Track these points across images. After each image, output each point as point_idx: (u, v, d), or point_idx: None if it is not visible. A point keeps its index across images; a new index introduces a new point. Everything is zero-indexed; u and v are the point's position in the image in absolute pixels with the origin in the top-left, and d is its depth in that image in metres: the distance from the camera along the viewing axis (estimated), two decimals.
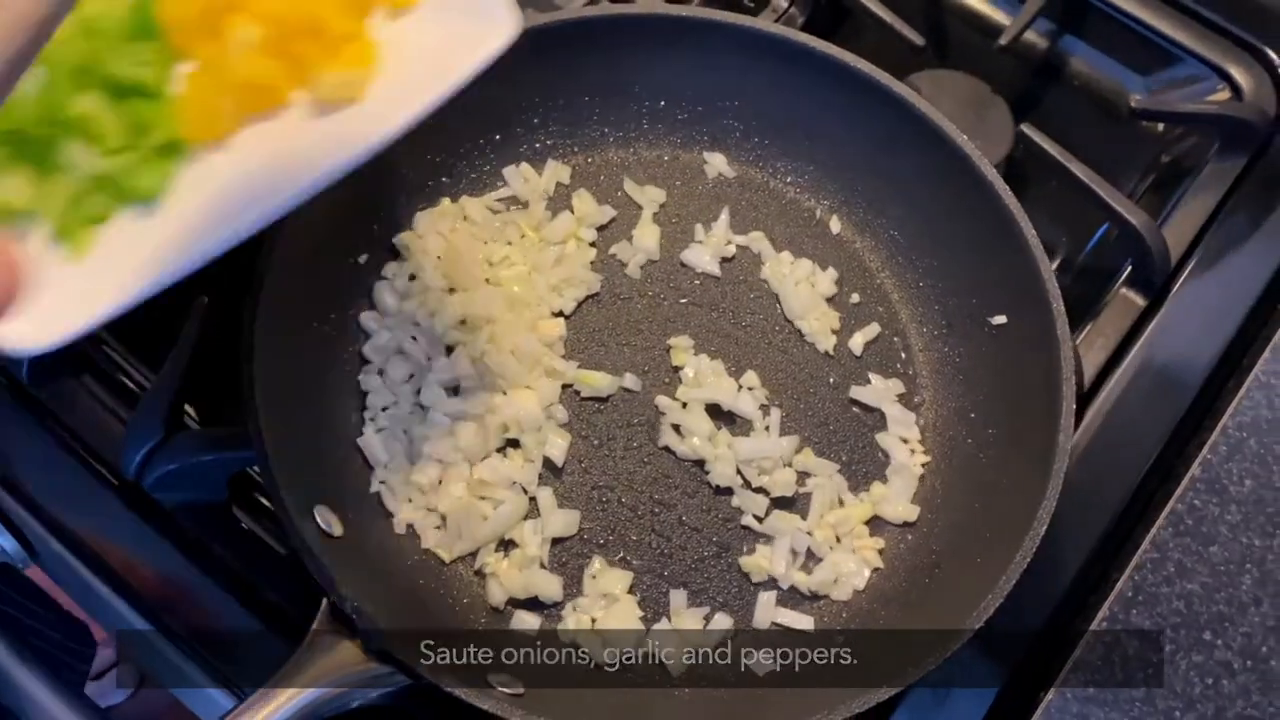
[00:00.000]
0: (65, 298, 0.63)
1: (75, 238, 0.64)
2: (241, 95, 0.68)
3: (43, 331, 0.61)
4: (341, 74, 0.69)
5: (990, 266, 0.93)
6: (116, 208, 0.66)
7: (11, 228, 0.64)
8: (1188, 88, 1.13)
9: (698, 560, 0.89)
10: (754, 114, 1.01)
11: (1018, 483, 0.84)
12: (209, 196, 0.67)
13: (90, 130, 0.65)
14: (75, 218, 0.64)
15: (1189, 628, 0.85)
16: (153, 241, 0.65)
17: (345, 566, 0.77)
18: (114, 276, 0.64)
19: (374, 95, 0.69)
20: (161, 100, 0.67)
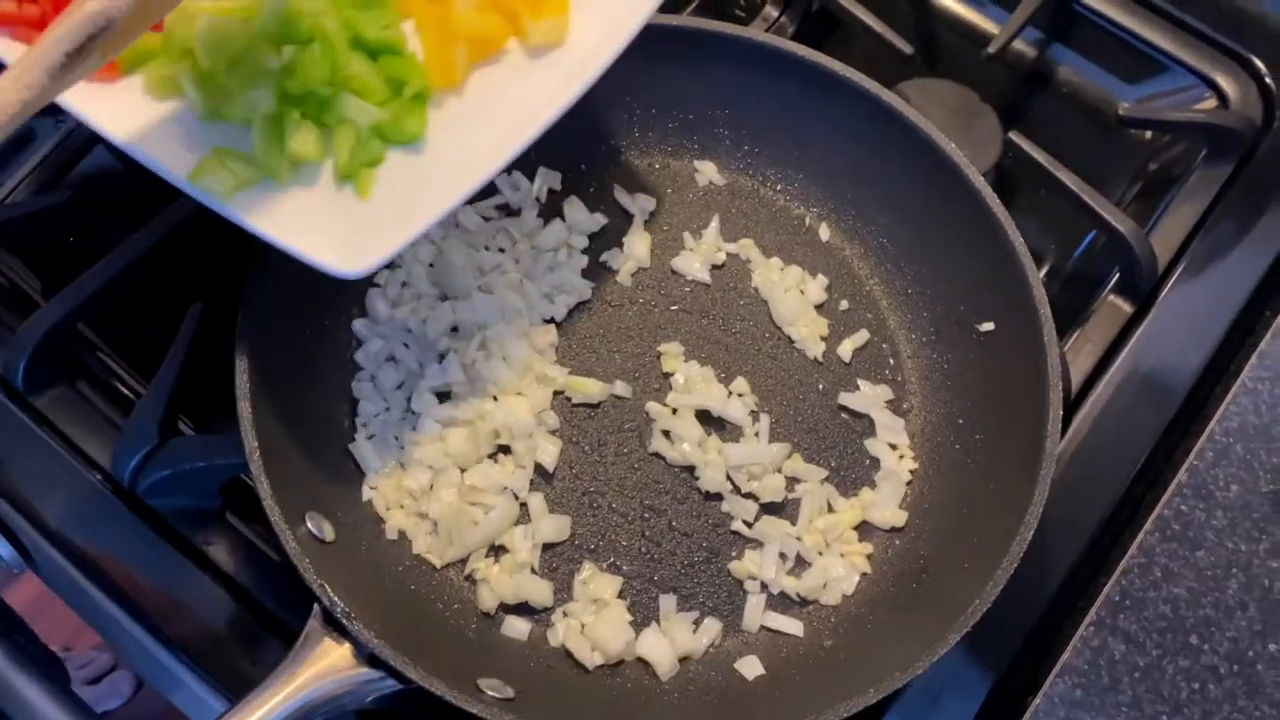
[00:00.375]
0: (366, 230, 0.75)
1: (360, 179, 0.78)
2: (470, 46, 0.81)
3: (355, 260, 0.73)
4: (547, 21, 0.81)
5: (978, 274, 0.93)
6: (388, 151, 0.79)
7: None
8: (1175, 96, 1.14)
9: (687, 565, 0.89)
10: (744, 122, 1.02)
11: (1005, 488, 0.85)
12: (465, 135, 0.80)
13: (361, 87, 0.78)
14: (358, 162, 0.78)
15: (1175, 632, 0.86)
16: (425, 176, 0.78)
17: (337, 572, 0.77)
18: (401, 209, 0.76)
19: (573, 39, 0.82)
20: (406, 56, 0.80)
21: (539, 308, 0.96)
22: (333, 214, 0.77)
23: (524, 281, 0.96)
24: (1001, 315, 0.92)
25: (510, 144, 0.77)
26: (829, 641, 0.86)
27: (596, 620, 0.85)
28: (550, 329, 0.96)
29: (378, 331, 0.94)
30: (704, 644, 0.86)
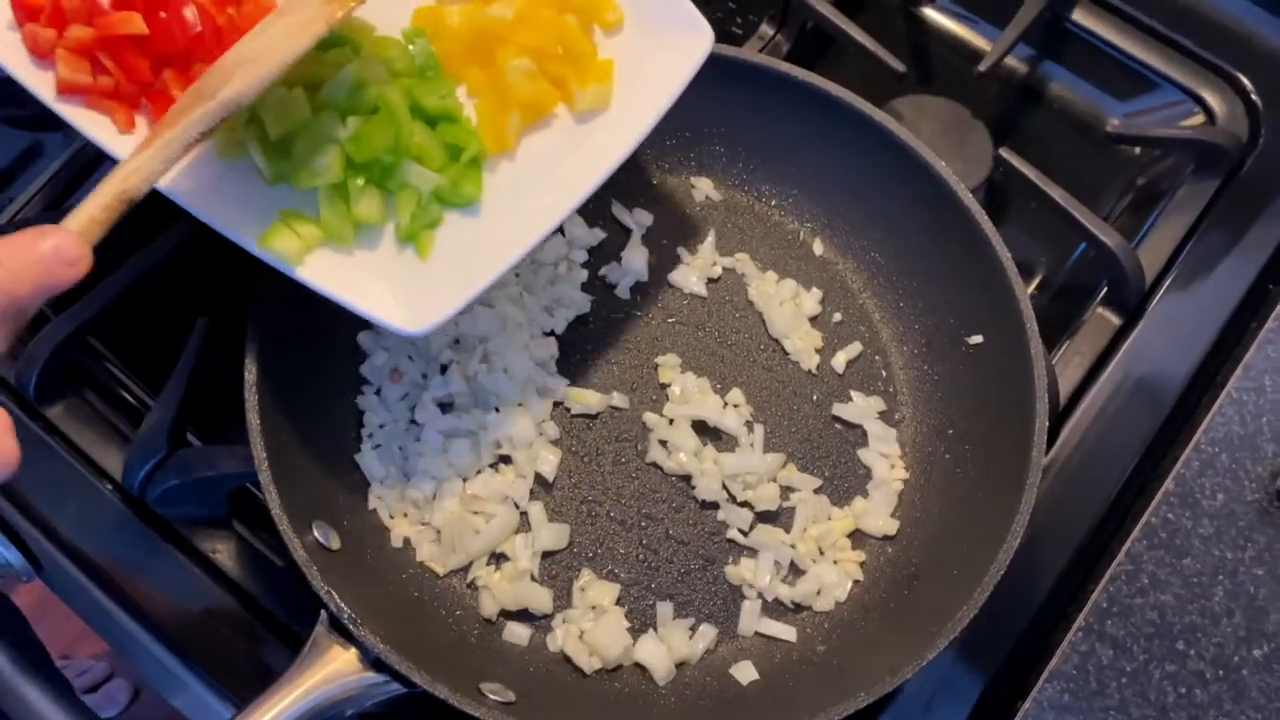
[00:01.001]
0: (427, 290, 0.79)
1: (420, 241, 0.82)
2: (522, 113, 0.85)
3: (419, 319, 0.77)
4: (593, 88, 0.85)
5: (967, 288, 0.94)
6: (447, 213, 0.83)
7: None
8: (1163, 112, 1.15)
9: (684, 573, 0.91)
10: (740, 140, 1.03)
11: (993, 497, 0.86)
12: (518, 197, 0.84)
13: (422, 153, 0.82)
14: (418, 224, 0.82)
15: (1162, 638, 0.87)
16: (481, 237, 0.82)
17: (343, 579, 0.78)
18: (459, 269, 0.80)
19: (617, 104, 0.86)
20: (462, 123, 0.84)
21: (539, 321, 0.97)
22: (396, 275, 0.80)
23: (524, 295, 0.97)
24: (990, 329, 0.93)
25: (561, 205, 0.82)
26: (822, 647, 0.88)
27: (595, 626, 0.86)
28: (550, 341, 0.97)
29: (382, 344, 0.95)
30: (700, 650, 0.87)
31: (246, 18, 0.82)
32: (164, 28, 0.79)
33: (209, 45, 0.80)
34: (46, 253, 0.61)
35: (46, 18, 0.79)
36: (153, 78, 0.80)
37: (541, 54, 0.85)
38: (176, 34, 0.79)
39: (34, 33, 0.79)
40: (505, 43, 0.85)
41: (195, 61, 0.81)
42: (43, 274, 0.61)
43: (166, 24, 0.79)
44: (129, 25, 0.78)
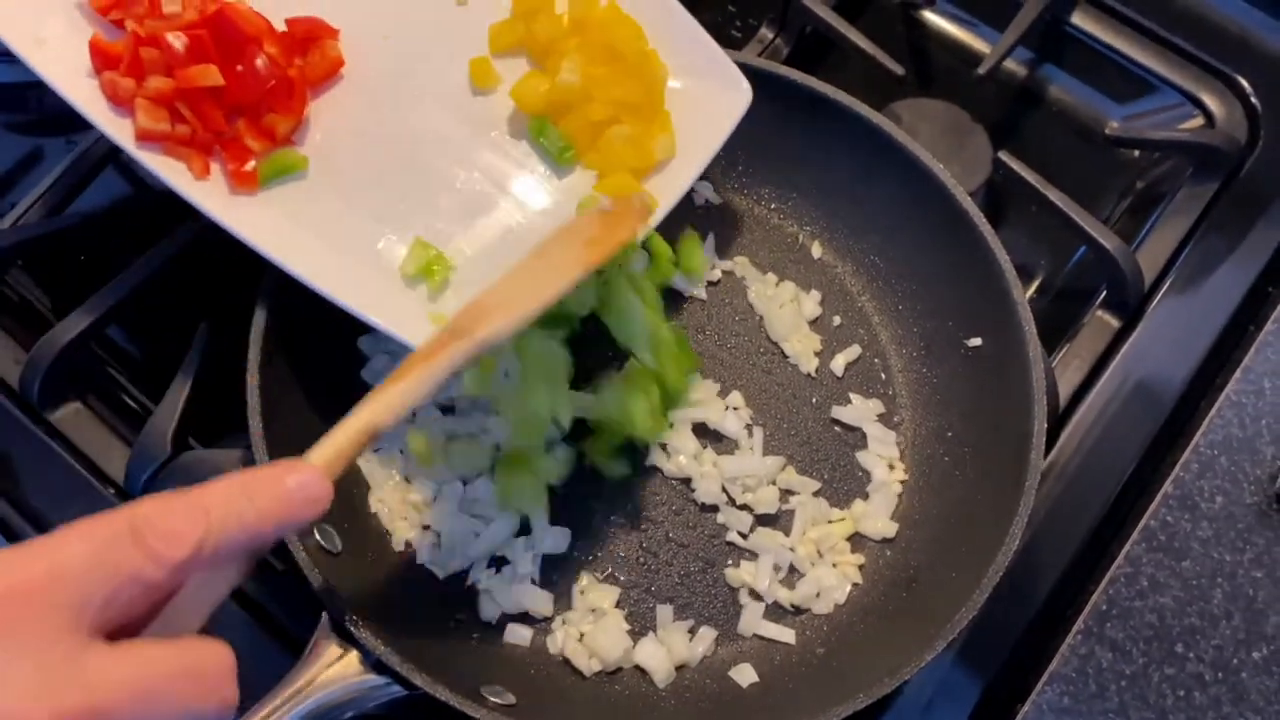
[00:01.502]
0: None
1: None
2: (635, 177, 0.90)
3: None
4: (662, 139, 0.91)
5: (966, 291, 0.94)
6: (474, 249, 0.89)
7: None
8: (1162, 114, 1.15)
9: (684, 575, 0.91)
10: (739, 144, 1.00)
11: (992, 500, 0.86)
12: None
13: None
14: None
15: (1162, 641, 0.87)
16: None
17: (344, 581, 0.78)
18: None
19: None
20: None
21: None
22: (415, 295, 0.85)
23: None
24: (989, 332, 0.93)
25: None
26: (821, 649, 0.88)
27: (595, 629, 0.86)
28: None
29: (383, 348, 0.95)
30: (699, 652, 0.87)
31: (314, 68, 0.87)
32: (239, 79, 0.83)
33: (280, 95, 0.84)
34: (293, 489, 0.59)
35: (125, 67, 0.82)
36: (227, 126, 0.84)
37: (624, 107, 0.90)
38: (251, 85, 0.83)
39: (113, 81, 0.82)
40: (591, 99, 0.90)
41: (267, 111, 0.85)
42: (287, 512, 0.59)
43: (242, 76, 0.83)
44: (207, 78, 0.81)
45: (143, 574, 0.52)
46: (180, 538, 0.53)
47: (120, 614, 0.52)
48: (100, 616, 0.51)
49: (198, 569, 0.54)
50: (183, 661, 0.53)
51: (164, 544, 0.52)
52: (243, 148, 0.84)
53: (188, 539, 0.53)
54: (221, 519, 0.55)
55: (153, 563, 0.52)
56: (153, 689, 0.51)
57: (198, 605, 0.57)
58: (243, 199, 0.84)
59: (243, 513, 0.56)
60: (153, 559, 0.52)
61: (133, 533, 0.52)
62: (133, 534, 0.52)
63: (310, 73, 0.87)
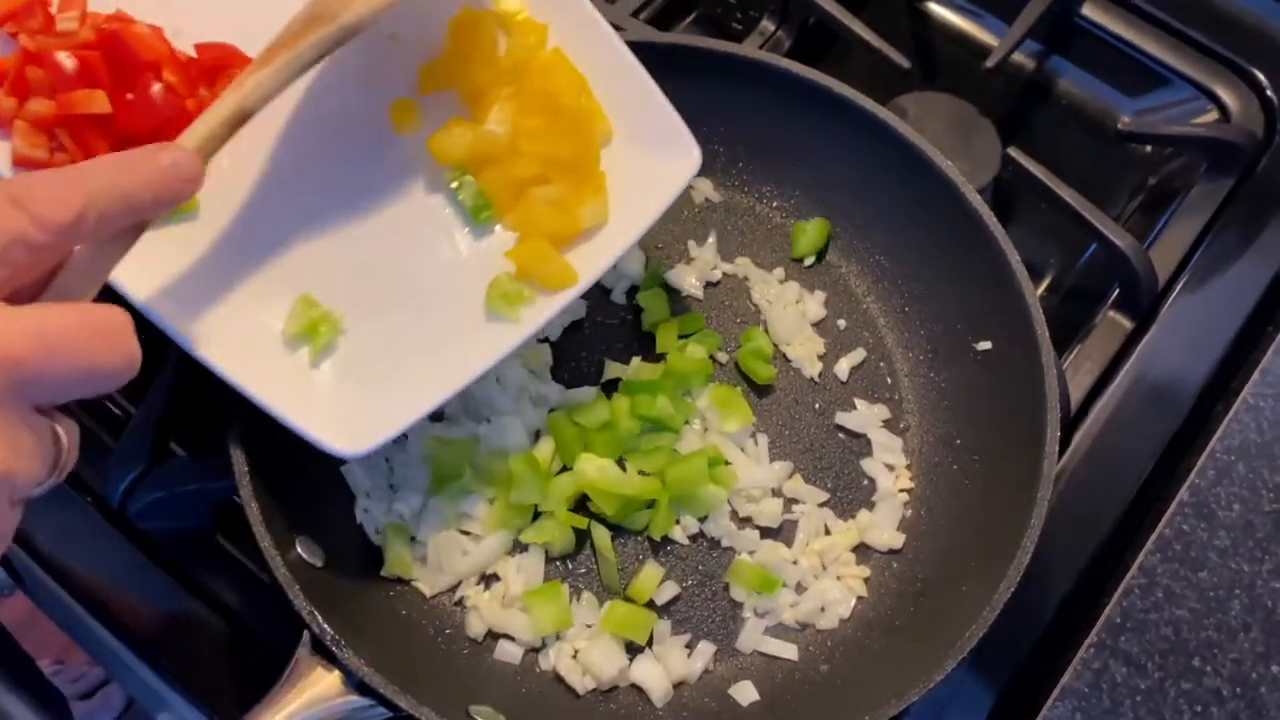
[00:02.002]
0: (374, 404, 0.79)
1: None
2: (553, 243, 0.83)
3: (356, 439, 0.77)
4: (592, 205, 0.83)
5: (975, 292, 0.92)
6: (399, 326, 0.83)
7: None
8: (1176, 109, 1.14)
9: (683, 589, 0.88)
10: (739, 139, 1.01)
11: (1002, 510, 0.84)
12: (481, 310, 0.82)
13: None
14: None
15: (1178, 654, 0.85)
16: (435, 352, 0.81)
17: (327, 597, 0.76)
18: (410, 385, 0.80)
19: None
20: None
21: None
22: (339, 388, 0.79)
23: None
24: (999, 335, 0.91)
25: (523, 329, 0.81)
26: (825, 666, 0.85)
27: (589, 645, 0.84)
28: (544, 348, 0.94)
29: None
30: (698, 669, 0.85)
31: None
32: (129, 108, 0.76)
33: (176, 128, 0.76)
34: (166, 166, 0.62)
35: (9, 85, 0.76)
36: None
37: (555, 165, 0.84)
38: (142, 115, 0.76)
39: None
40: (518, 153, 0.84)
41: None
42: (163, 186, 0.61)
43: (132, 105, 0.76)
44: (92, 104, 0.75)
45: (28, 236, 0.53)
46: (62, 202, 0.55)
47: (9, 278, 0.54)
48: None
49: (81, 237, 0.57)
50: (84, 317, 0.55)
51: (46, 209, 0.54)
52: None
53: (69, 204, 0.55)
54: (100, 188, 0.57)
55: (36, 226, 0.54)
56: (59, 339, 0.53)
57: (88, 277, 0.60)
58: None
59: (120, 183, 0.59)
60: (36, 222, 0.54)
61: (12, 199, 0.54)
62: (12, 200, 0.54)
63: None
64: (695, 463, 0.87)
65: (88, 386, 0.55)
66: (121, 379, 0.56)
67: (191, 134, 0.66)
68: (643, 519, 0.88)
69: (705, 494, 0.87)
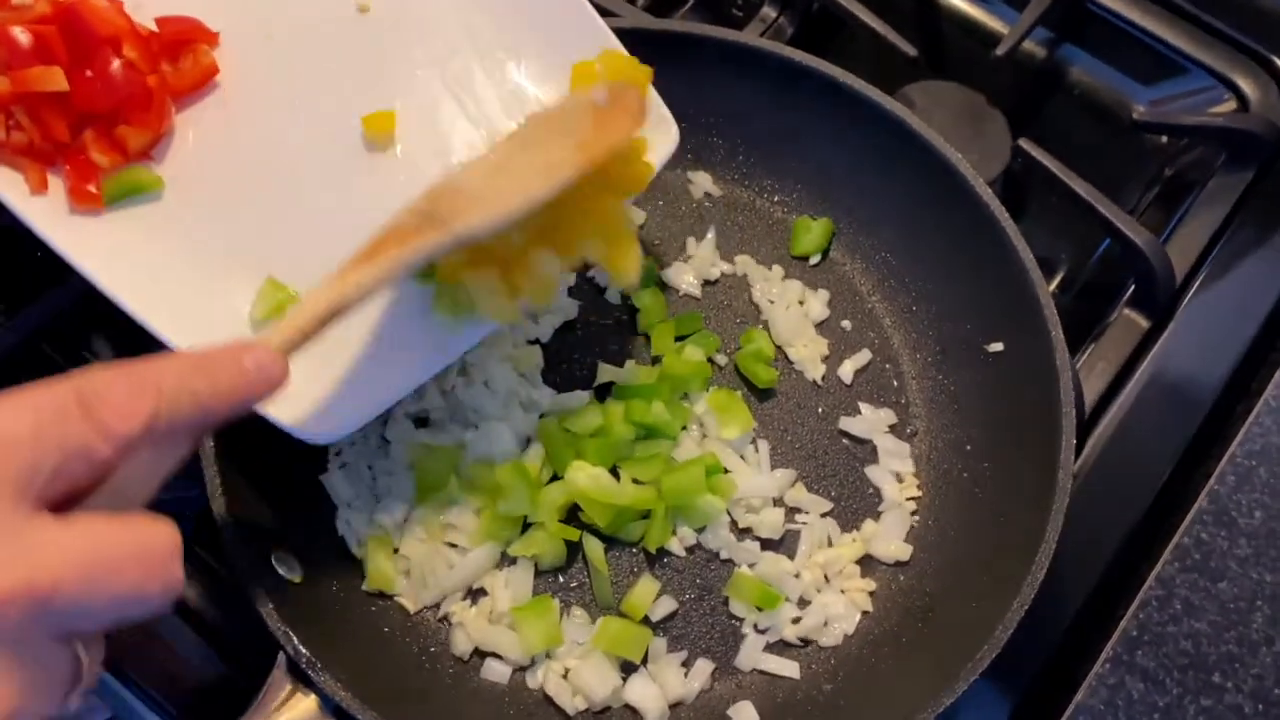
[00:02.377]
0: (344, 390, 0.77)
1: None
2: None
3: (322, 424, 0.76)
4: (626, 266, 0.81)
5: (986, 291, 0.90)
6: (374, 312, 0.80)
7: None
8: (1192, 98, 1.12)
9: (679, 604, 0.85)
10: (739, 131, 0.99)
11: (1015, 522, 0.82)
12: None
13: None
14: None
15: (1197, 669, 0.83)
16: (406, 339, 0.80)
17: (304, 615, 0.74)
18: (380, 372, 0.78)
19: None
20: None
21: (522, 328, 0.92)
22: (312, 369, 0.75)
23: None
24: (1011, 335, 0.89)
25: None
26: (828, 686, 0.83)
27: (581, 664, 0.81)
28: (535, 350, 0.92)
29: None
30: (695, 688, 0.82)
31: (183, 76, 0.79)
32: (88, 85, 0.75)
33: (137, 105, 0.76)
34: (249, 369, 0.59)
35: None
36: (70, 138, 0.76)
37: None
38: (101, 93, 0.75)
39: None
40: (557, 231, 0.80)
41: (120, 122, 0.76)
42: (243, 392, 0.58)
43: (91, 82, 0.75)
44: (49, 82, 0.73)
45: (91, 449, 0.51)
46: (131, 413, 0.52)
47: (65, 487, 0.51)
48: (46, 490, 0.50)
49: (148, 445, 0.54)
50: (132, 539, 0.52)
51: (115, 419, 0.51)
52: (88, 162, 0.75)
53: (139, 415, 0.52)
54: (174, 395, 0.54)
55: (102, 438, 0.51)
56: (101, 565, 0.50)
57: (145, 479, 0.56)
58: (83, 220, 0.75)
59: (197, 390, 0.55)
60: (102, 434, 0.51)
61: (81, 405, 0.51)
62: (81, 406, 0.51)
63: (177, 81, 0.79)
64: (692, 471, 0.84)
65: (121, 615, 0.51)
66: (154, 610, 0.53)
67: (279, 330, 0.63)
68: (637, 530, 0.85)
69: (703, 504, 0.85)
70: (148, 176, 0.77)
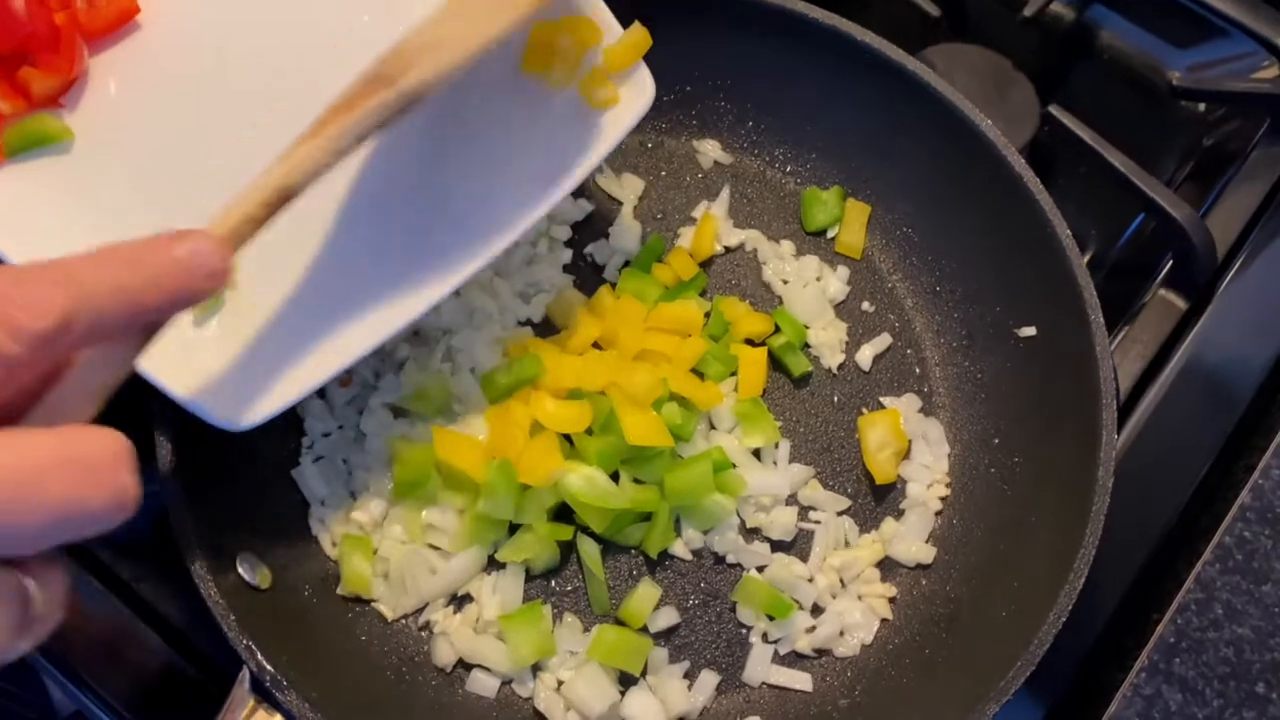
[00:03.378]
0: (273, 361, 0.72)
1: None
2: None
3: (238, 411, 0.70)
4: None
5: (1017, 270, 0.87)
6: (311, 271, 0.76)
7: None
8: (1232, 64, 1.08)
9: (682, 610, 0.82)
10: (749, 95, 0.95)
11: (1049, 523, 0.79)
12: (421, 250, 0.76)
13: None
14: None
15: (1239, 679, 0.80)
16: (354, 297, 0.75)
17: (270, 624, 0.70)
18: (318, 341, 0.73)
19: (545, 151, 0.78)
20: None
21: (513, 309, 0.88)
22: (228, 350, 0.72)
23: (495, 280, 0.88)
24: (1045, 319, 0.86)
25: (452, 275, 0.74)
26: (844, 700, 0.80)
27: (576, 676, 0.77)
28: (526, 333, 0.87)
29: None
30: (700, 703, 0.79)
31: (98, 14, 0.75)
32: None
33: (42, 45, 0.72)
34: (183, 257, 0.54)
35: None
36: None
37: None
38: (4, 32, 0.71)
39: None
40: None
41: (23, 65, 0.73)
42: (178, 282, 0.53)
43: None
44: None
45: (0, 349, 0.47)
46: (43, 307, 0.47)
47: None
48: None
49: (70, 346, 0.49)
50: (64, 448, 0.47)
51: (23, 314, 0.47)
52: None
53: (52, 309, 0.48)
54: (93, 287, 0.50)
55: (10, 336, 0.46)
56: (27, 477, 0.46)
57: (83, 394, 0.52)
58: None
59: (121, 280, 0.51)
60: (10, 331, 0.46)
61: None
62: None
63: (92, 20, 0.75)
64: (698, 469, 0.79)
65: (62, 533, 0.47)
66: (108, 522, 0.48)
67: (224, 217, 0.59)
68: (637, 534, 0.81)
69: (710, 504, 0.81)
70: (53, 126, 0.73)
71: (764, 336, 0.88)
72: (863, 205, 0.94)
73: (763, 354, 0.87)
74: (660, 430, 0.80)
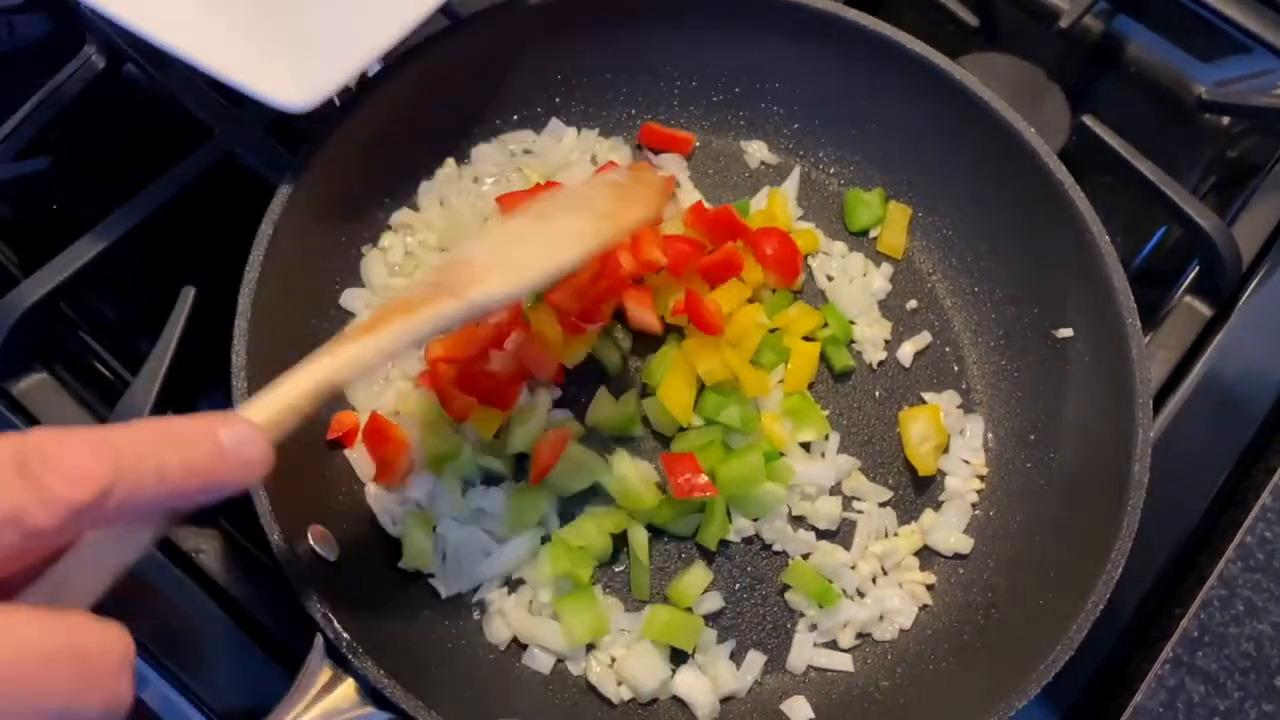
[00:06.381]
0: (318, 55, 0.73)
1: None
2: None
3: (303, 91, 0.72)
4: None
5: (1055, 273, 0.87)
6: None
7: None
8: (1256, 79, 1.08)
9: (730, 593, 0.83)
10: (795, 98, 0.96)
11: (1084, 516, 0.79)
12: None
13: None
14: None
15: (1260, 672, 0.81)
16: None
17: (341, 596, 0.70)
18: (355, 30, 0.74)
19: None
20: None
21: None
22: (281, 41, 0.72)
23: None
24: (1081, 321, 0.86)
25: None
26: (885, 682, 0.81)
27: (628, 654, 0.79)
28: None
29: (371, 303, 0.87)
30: (748, 682, 0.80)
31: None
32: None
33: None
34: (226, 446, 0.50)
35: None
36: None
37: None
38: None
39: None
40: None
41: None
42: (216, 472, 0.50)
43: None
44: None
45: (26, 515, 0.43)
46: (81, 478, 0.44)
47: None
48: None
49: (98, 522, 0.46)
50: (67, 640, 0.44)
51: (60, 482, 0.43)
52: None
53: (91, 480, 0.44)
54: (135, 465, 0.46)
55: (41, 503, 0.43)
56: (24, 670, 0.42)
57: (94, 572, 0.48)
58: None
59: (162, 462, 0.47)
60: (42, 499, 0.43)
61: (18, 463, 0.43)
62: (18, 465, 0.43)
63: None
64: (750, 459, 0.81)
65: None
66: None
67: (262, 404, 0.55)
68: (689, 525, 0.82)
69: (762, 493, 0.82)
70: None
71: (814, 331, 0.89)
72: (904, 207, 0.95)
73: (816, 348, 0.88)
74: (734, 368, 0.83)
